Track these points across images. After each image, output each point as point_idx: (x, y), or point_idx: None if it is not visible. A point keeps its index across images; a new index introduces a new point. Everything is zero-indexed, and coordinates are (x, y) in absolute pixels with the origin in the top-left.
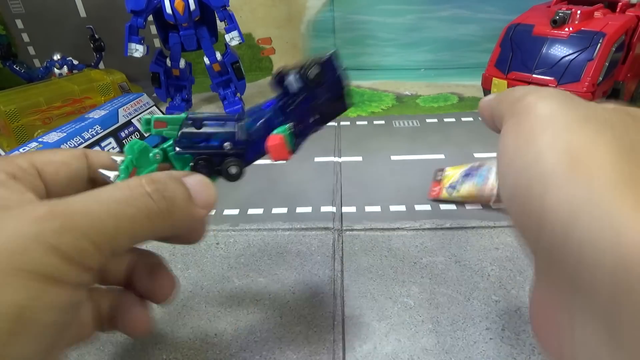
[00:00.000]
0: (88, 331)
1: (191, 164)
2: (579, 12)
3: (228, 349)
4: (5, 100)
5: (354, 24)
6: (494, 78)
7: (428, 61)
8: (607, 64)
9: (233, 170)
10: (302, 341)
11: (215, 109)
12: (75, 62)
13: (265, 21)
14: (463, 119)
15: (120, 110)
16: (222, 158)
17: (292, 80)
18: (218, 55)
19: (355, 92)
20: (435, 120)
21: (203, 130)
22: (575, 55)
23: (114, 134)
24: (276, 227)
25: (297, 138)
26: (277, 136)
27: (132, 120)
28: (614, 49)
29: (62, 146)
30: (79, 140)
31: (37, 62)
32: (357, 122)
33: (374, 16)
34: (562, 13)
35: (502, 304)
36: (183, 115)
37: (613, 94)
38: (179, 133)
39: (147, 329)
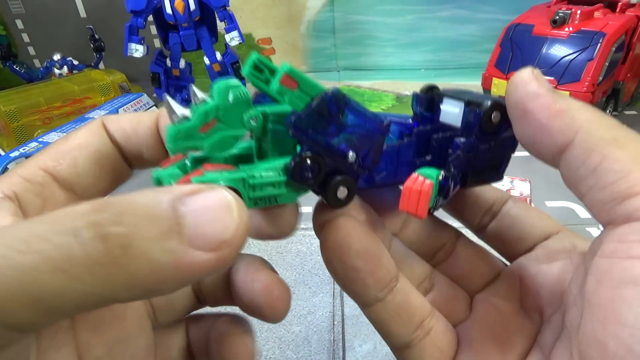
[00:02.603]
0: None
1: (294, 159)
2: (579, 12)
3: None
4: (5, 100)
5: (354, 24)
6: (494, 78)
7: (428, 61)
8: (607, 63)
9: (342, 193)
10: (302, 341)
11: None
12: (75, 62)
13: (265, 21)
14: None
15: (120, 110)
16: (336, 169)
17: (457, 112)
18: (218, 56)
19: (355, 92)
20: None
21: (341, 120)
22: (575, 55)
23: None
24: None
25: (440, 195)
26: (425, 181)
27: None
28: (614, 49)
29: None
30: None
31: (37, 62)
32: None
33: (374, 16)
34: (562, 13)
35: None
36: (323, 87)
37: (613, 94)
38: (308, 107)
39: None
